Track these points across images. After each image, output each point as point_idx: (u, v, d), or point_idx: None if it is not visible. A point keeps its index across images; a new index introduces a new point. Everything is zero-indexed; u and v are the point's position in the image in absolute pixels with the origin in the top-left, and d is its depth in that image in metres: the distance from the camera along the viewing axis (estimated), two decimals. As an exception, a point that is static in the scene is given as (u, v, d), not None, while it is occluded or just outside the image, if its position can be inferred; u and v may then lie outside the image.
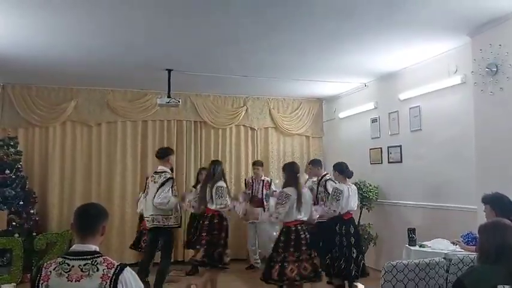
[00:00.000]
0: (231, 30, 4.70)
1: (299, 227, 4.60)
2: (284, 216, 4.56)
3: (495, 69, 4.34)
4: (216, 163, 5.39)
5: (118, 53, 5.46)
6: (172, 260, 5.99)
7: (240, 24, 4.50)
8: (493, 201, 3.52)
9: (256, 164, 7.19)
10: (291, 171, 4.77)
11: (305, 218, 4.68)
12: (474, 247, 3.72)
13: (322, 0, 3.90)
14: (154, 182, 5.16)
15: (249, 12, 4.18)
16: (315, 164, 6.14)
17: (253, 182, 7.08)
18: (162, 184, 5.09)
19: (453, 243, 4.26)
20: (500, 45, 4.29)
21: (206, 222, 5.14)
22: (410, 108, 6.12)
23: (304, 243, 4.57)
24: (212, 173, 5.23)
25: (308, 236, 4.65)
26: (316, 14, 4.21)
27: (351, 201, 5.15)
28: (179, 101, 6.38)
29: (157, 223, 5.17)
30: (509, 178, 4.15)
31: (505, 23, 4.28)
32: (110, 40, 4.99)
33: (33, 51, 5.26)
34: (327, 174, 5.96)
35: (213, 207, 5.11)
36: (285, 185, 4.70)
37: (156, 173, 5.29)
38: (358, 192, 6.43)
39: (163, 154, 5.39)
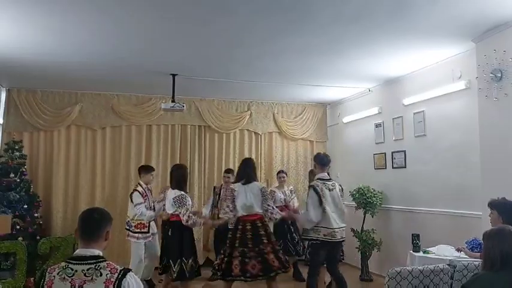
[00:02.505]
0: (235, 35, 4.72)
1: None
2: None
3: (499, 75, 4.33)
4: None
5: (122, 58, 5.47)
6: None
7: (245, 29, 4.51)
8: (501, 207, 3.51)
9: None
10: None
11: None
12: (479, 254, 3.70)
13: (327, 5, 3.91)
14: (330, 190, 4.81)
15: (253, 17, 4.19)
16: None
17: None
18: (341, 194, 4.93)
19: (458, 249, 4.23)
20: (504, 51, 4.28)
21: None
22: (414, 114, 6.11)
23: None
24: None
25: None
26: (321, 19, 4.21)
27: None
28: (183, 106, 6.39)
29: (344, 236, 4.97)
30: (514, 184, 4.13)
31: (509, 29, 4.27)
32: (114, 44, 5.00)
33: (38, 55, 5.29)
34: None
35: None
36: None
37: (325, 179, 4.91)
38: (362, 197, 6.43)
39: (328, 161, 5.02)
